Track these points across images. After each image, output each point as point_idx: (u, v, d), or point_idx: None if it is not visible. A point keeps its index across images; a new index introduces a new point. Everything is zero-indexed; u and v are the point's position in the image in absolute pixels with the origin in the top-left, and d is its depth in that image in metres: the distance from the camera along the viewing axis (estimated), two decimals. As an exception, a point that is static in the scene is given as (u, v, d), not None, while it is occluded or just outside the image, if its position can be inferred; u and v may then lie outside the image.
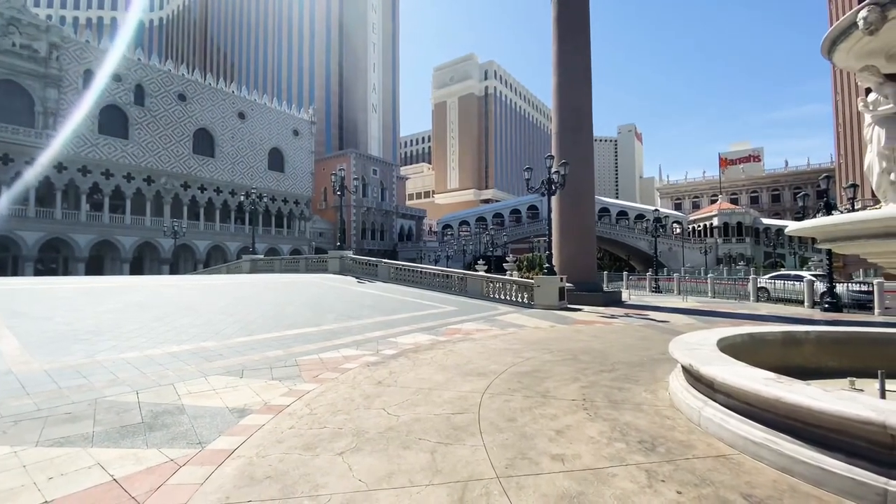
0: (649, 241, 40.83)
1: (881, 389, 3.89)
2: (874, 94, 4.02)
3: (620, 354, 6.83)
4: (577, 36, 18.35)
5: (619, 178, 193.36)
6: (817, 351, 5.38)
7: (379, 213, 65.21)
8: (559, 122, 18.40)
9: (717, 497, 2.57)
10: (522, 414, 4.06)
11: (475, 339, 8.45)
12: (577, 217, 17.88)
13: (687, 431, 3.58)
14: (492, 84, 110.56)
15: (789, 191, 73.76)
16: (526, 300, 15.16)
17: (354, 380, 5.39)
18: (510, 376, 5.45)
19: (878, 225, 3.42)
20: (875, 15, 3.58)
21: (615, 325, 10.64)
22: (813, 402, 2.75)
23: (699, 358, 3.91)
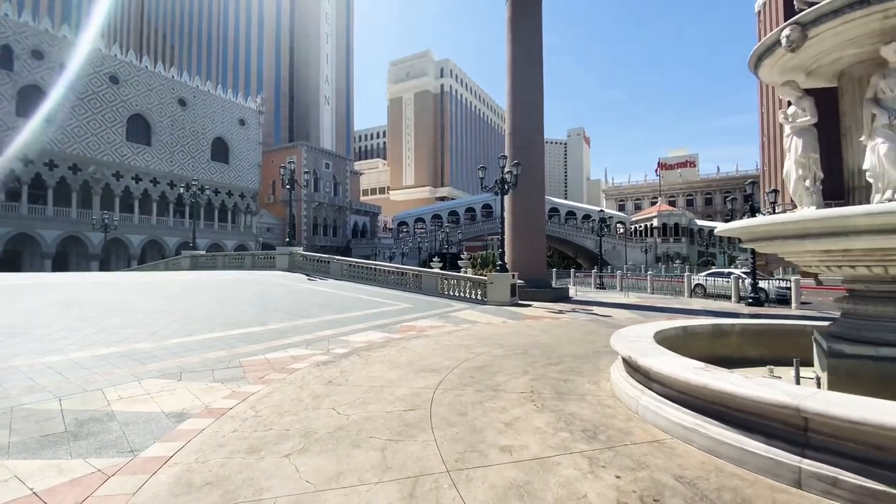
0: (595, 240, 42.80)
1: (796, 376, 4.33)
2: (793, 107, 4.44)
3: (567, 348, 7.11)
4: (531, 39, 18.82)
5: (569, 179, 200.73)
6: (741, 342, 5.89)
7: (331, 209, 63.58)
8: (512, 124, 18.80)
9: (651, 479, 2.75)
10: (473, 408, 4.13)
11: (429, 335, 8.47)
12: (529, 216, 18.39)
13: (626, 419, 3.80)
14: (448, 82, 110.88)
15: (720, 194, 79.95)
16: (480, 297, 15.40)
17: (303, 380, 5.23)
18: (462, 371, 5.52)
19: (793, 227, 3.79)
20: (797, 34, 3.95)
21: (563, 320, 11.06)
22: (736, 389, 3.01)
23: (637, 350, 4.16)
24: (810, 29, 3.87)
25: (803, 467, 2.65)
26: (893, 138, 3.52)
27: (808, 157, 4.18)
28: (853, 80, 4.19)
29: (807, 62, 4.28)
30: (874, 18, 3.55)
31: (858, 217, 3.26)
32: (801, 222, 3.63)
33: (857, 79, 4.13)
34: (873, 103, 3.68)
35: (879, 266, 3.56)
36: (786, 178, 4.38)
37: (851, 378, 3.72)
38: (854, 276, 3.88)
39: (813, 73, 4.47)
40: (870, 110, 3.70)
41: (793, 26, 3.92)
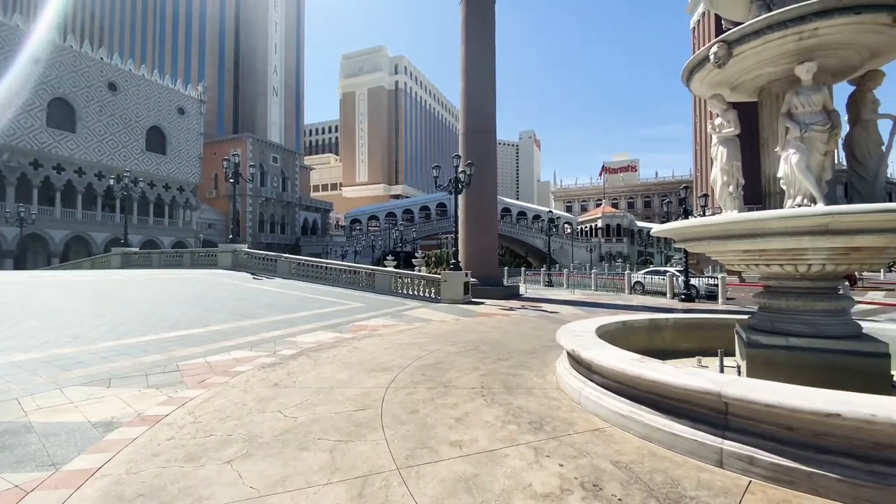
0: (544, 240, 44.27)
1: (720, 365, 4.72)
2: (720, 118, 4.84)
3: (516, 343, 7.32)
4: (484, 40, 19.11)
5: (520, 180, 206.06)
6: (674, 335, 6.33)
7: (279, 205, 61.17)
8: (466, 124, 19.01)
9: (591, 466, 2.90)
10: (425, 405, 4.15)
11: (381, 334, 8.39)
12: (482, 215, 18.69)
13: (569, 410, 3.98)
14: (402, 79, 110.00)
15: (658, 198, 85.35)
16: (433, 295, 15.46)
17: (247, 383, 5.02)
18: (415, 370, 5.52)
19: (717, 229, 4.14)
20: (723, 51, 4.30)
21: (513, 317, 11.36)
22: (667, 378, 3.24)
23: (580, 344, 4.36)
24: (735, 47, 4.22)
25: (724, 448, 2.90)
26: (804, 150, 3.93)
27: (731, 165, 4.57)
28: (771, 95, 4.62)
29: (731, 78, 4.66)
30: (789, 40, 3.94)
31: (772, 220, 3.62)
32: (724, 225, 3.96)
33: (774, 94, 4.56)
34: (787, 117, 4.09)
35: (790, 264, 3.97)
36: (713, 184, 4.76)
37: (767, 366, 4.11)
38: (769, 274, 4.29)
39: (737, 88, 4.88)
40: (784, 124, 4.10)
41: (720, 44, 4.27)
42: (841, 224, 3.36)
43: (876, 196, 4.06)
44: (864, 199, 4.08)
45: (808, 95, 3.94)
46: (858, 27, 3.74)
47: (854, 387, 3.25)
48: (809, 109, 3.94)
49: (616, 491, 2.58)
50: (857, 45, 3.94)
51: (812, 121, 3.92)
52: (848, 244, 3.46)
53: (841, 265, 3.87)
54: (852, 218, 3.31)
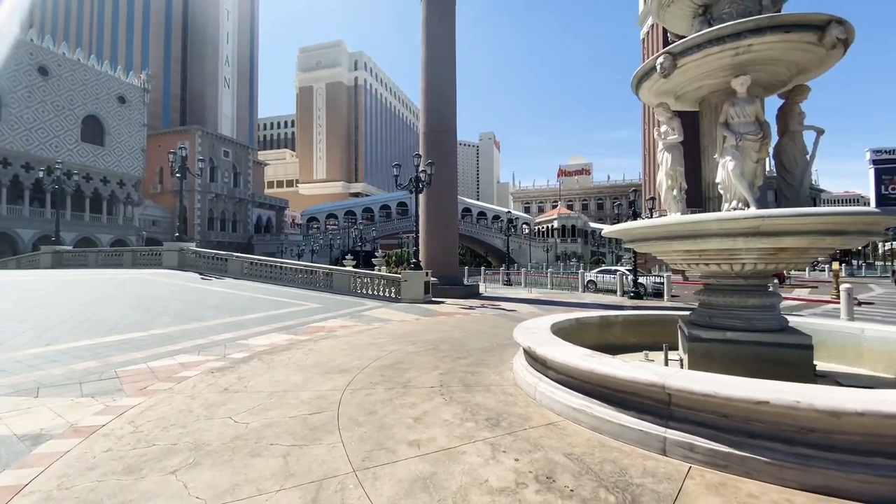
0: (504, 240, 45.10)
1: (665, 359, 5.00)
2: (665, 125, 5.12)
3: (475, 342, 7.40)
4: (445, 41, 19.17)
5: (480, 181, 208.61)
6: (624, 331, 6.63)
7: (231, 201, 58.47)
8: (426, 124, 19.00)
9: (545, 459, 2.98)
10: (383, 406, 4.11)
11: (339, 335, 8.23)
12: (442, 215, 18.75)
13: (525, 405, 4.08)
14: (362, 75, 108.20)
15: (610, 200, 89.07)
16: (393, 294, 15.33)
17: (194, 389, 4.76)
18: (373, 370, 5.45)
19: (662, 230, 4.39)
20: (668, 62, 4.55)
21: (473, 316, 11.48)
22: (616, 372, 3.39)
23: (536, 341, 4.48)
24: (679, 59, 4.48)
25: (667, 436, 3.08)
26: (739, 157, 4.23)
27: (675, 170, 4.85)
28: (711, 105, 4.94)
29: (676, 87, 4.95)
30: (727, 54, 4.23)
31: (711, 222, 3.87)
32: (668, 226, 4.20)
33: (713, 105, 4.88)
34: (724, 127, 4.38)
35: (727, 264, 4.27)
36: (658, 188, 5.03)
37: (707, 358, 4.39)
38: (708, 273, 4.60)
39: (681, 98, 5.19)
40: (722, 132, 4.40)
41: (665, 55, 4.51)
42: (770, 226, 3.65)
43: (801, 201, 4.44)
44: (790, 204, 4.45)
45: (742, 107, 4.25)
46: (788, 45, 4.07)
47: (782, 376, 3.54)
48: (744, 120, 4.25)
49: (568, 482, 2.67)
50: (787, 61, 4.29)
51: (746, 130, 4.22)
52: (776, 245, 3.76)
53: (770, 264, 4.21)
54: (780, 221, 3.61)
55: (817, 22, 3.92)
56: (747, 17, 4.21)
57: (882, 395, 2.76)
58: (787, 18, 3.99)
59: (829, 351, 5.27)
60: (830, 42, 3.93)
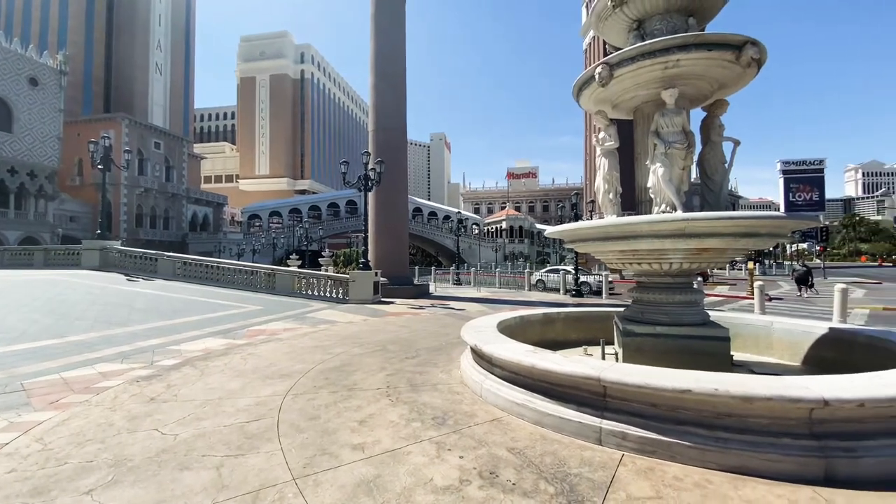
0: (454, 240, 45.53)
1: (602, 353, 5.26)
2: (603, 132, 5.40)
3: (424, 341, 7.40)
4: (394, 37, 18.99)
5: (431, 181, 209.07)
6: (565, 327, 6.91)
7: (163, 197, 54.30)
8: (376, 121, 18.73)
9: (489, 455, 3.03)
10: (327, 410, 3.99)
11: (281, 338, 7.89)
12: (392, 214, 18.57)
13: (471, 403, 4.13)
14: (309, 69, 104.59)
15: (555, 203, 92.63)
16: (341, 295, 14.96)
17: (116, 400, 4.37)
18: (317, 374, 5.28)
19: (599, 231, 4.63)
20: (606, 72, 4.79)
21: (422, 315, 11.47)
22: (556, 367, 3.52)
23: (482, 339, 4.55)
24: (616, 70, 4.74)
25: (603, 427, 3.24)
26: (668, 164, 4.54)
27: (611, 175, 5.12)
28: (644, 115, 5.26)
29: (613, 97, 5.23)
30: (657, 67, 4.53)
31: (642, 224, 4.13)
32: (604, 228, 4.44)
33: (646, 114, 5.20)
34: (655, 135, 4.69)
35: (657, 263, 4.57)
36: (596, 191, 5.29)
37: (639, 352, 4.68)
38: (640, 271, 4.90)
39: (617, 107, 5.48)
40: (652, 141, 4.70)
41: (603, 66, 4.76)
42: (694, 228, 3.96)
43: (721, 206, 4.86)
44: (712, 209, 4.85)
45: (671, 117, 4.57)
46: (710, 61, 4.43)
47: (704, 366, 3.86)
48: (672, 129, 4.57)
49: (511, 476, 2.73)
50: (709, 76, 4.66)
51: (674, 139, 4.55)
52: (699, 245, 4.08)
53: (694, 263, 4.56)
54: (702, 224, 3.92)
55: (735, 42, 4.30)
56: (675, 35, 4.55)
57: (787, 381, 3.08)
58: (709, 37, 4.34)
59: (745, 342, 5.81)
60: (746, 61, 4.33)
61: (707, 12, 4.98)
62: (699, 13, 4.94)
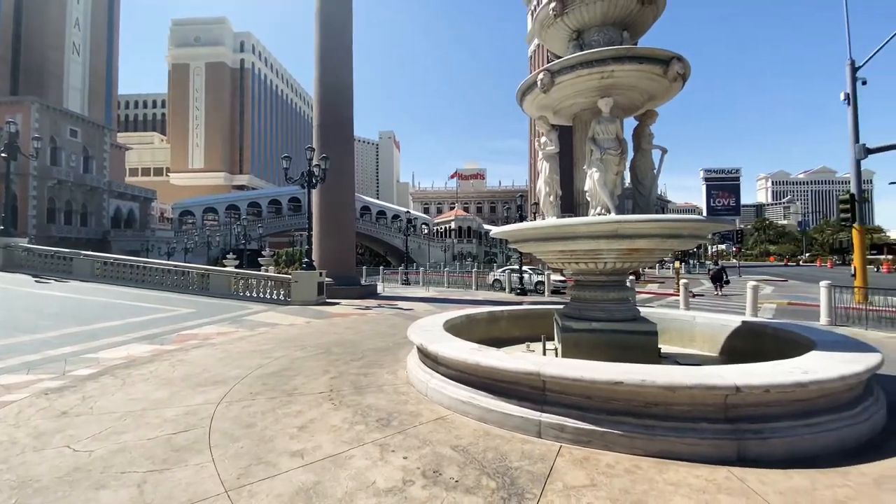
0: (403, 239, 45.24)
1: (543, 349, 5.45)
2: (545, 137, 5.60)
3: (370, 342, 7.28)
4: (341, 29, 18.49)
5: (380, 180, 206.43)
6: (509, 325, 7.09)
7: (80, 190, 49.12)
8: (321, 116, 18.17)
9: (433, 454, 3.04)
10: (264, 417, 3.81)
11: (215, 343, 7.43)
12: (339, 212, 18.10)
13: (417, 402, 4.12)
14: (249, 58, 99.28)
15: (501, 204, 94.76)
16: (283, 297, 14.35)
17: (20, 415, 3.90)
18: (254, 380, 5.03)
19: (539, 232, 4.81)
20: (547, 79, 4.97)
21: (369, 316, 11.28)
22: (499, 363, 3.61)
23: (428, 338, 4.56)
24: (556, 77, 4.93)
25: (542, 420, 3.36)
26: (603, 169, 4.80)
27: (552, 178, 5.33)
28: (582, 122, 5.51)
29: (554, 103, 5.44)
30: (594, 77, 4.77)
31: (579, 226, 4.34)
32: (544, 229, 4.61)
33: (584, 121, 5.46)
34: (592, 141, 4.94)
35: (593, 262, 4.81)
36: (538, 194, 5.48)
37: (577, 347, 4.90)
38: (578, 270, 5.14)
39: (558, 113, 5.71)
40: (589, 146, 4.94)
41: (545, 72, 4.93)
42: (626, 230, 4.21)
43: (650, 209, 5.20)
44: (642, 212, 5.18)
45: (606, 125, 4.84)
46: (641, 73, 4.73)
47: (635, 359, 4.12)
48: (607, 137, 4.84)
49: (454, 474, 2.76)
50: (640, 88, 4.98)
51: (609, 146, 4.81)
52: (630, 246, 4.35)
53: (626, 263, 4.86)
54: (633, 225, 4.19)
55: (663, 57, 4.62)
56: (611, 46, 4.81)
57: (705, 370, 3.36)
58: (640, 51, 4.64)
59: (671, 336, 6.27)
60: (673, 75, 4.67)
61: (639, 27, 5.32)
62: (632, 28, 5.26)
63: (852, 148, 14.92)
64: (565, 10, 5.17)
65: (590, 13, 5.09)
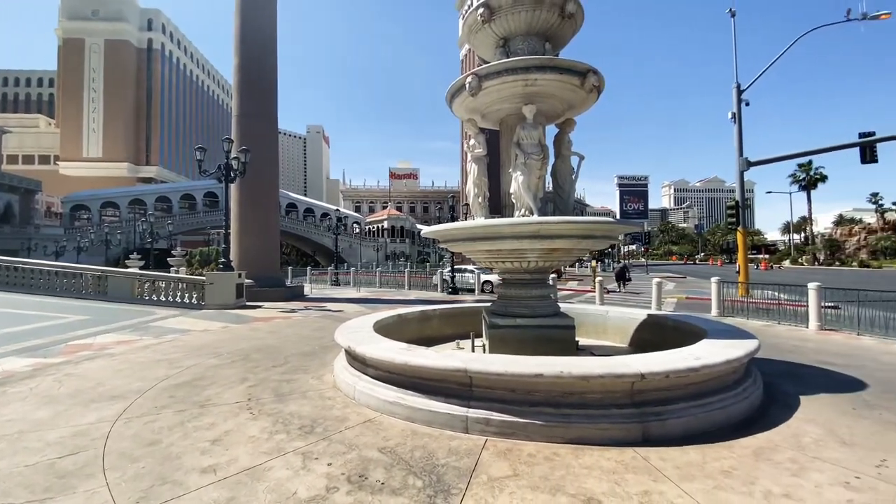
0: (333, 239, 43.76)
1: (472, 346, 5.57)
2: (473, 140, 5.72)
3: (295, 347, 6.95)
4: (264, 12, 17.41)
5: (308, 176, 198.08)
6: (440, 323, 7.17)
7: (-62, 179, 41.32)
8: (241, 105, 16.99)
9: (359, 458, 2.98)
10: (171, 432, 3.47)
11: (114, 353, 6.65)
12: (261, 209, 17.02)
13: (343, 406, 4.01)
14: (159, 38, 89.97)
15: (434, 204, 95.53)
16: (196, 301, 13.21)
17: None
18: (160, 392, 4.57)
19: (468, 232, 4.92)
20: (475, 83, 5.09)
21: (294, 319, 10.77)
22: (427, 362, 3.63)
23: (356, 340, 4.46)
24: (484, 81, 5.07)
25: (469, 415, 3.43)
26: (527, 172, 5.02)
27: (480, 180, 5.47)
28: (508, 126, 5.72)
29: (482, 107, 5.58)
30: (519, 84, 4.97)
31: (504, 226, 4.50)
32: (472, 229, 4.72)
33: (510, 126, 5.66)
34: (516, 146, 5.14)
35: (517, 261, 5.02)
36: (467, 195, 5.60)
37: (503, 343, 5.08)
38: (504, 269, 5.33)
39: (486, 117, 5.87)
40: (514, 151, 5.14)
41: (473, 76, 5.05)
42: (547, 231, 4.44)
43: (569, 211, 5.53)
44: (562, 214, 5.50)
45: (530, 131, 5.07)
46: (561, 84, 5.01)
47: (555, 352, 4.35)
48: (531, 142, 5.07)
49: (380, 476, 2.72)
50: (560, 97, 5.28)
51: (532, 151, 5.05)
52: (550, 246, 4.60)
53: (548, 262, 5.13)
54: (553, 226, 4.43)
55: (580, 69, 4.95)
56: (535, 55, 5.05)
57: (615, 360, 3.65)
58: (561, 62, 4.92)
59: (587, 329, 6.74)
60: (589, 86, 5.01)
61: (560, 40, 5.64)
62: (553, 40, 5.57)
63: (737, 161, 17.12)
64: (493, 17, 5.33)
65: (515, 22, 5.30)
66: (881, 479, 2.67)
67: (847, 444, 3.20)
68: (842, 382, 4.93)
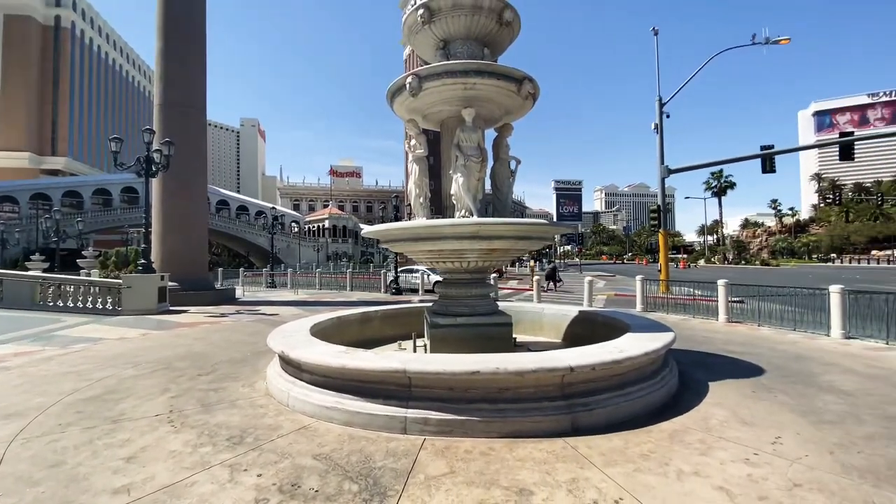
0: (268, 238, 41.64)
1: (414, 346, 5.57)
2: (414, 140, 5.72)
3: (224, 354, 6.55)
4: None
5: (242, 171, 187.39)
6: (382, 324, 7.09)
7: None
8: (164, 94, 15.69)
9: (293, 466, 2.87)
10: (78, 451, 3.14)
11: (9, 367, 5.87)
12: (186, 206, 15.78)
13: (276, 414, 3.84)
14: (69, 16, 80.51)
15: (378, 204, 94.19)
16: (111, 306, 12.03)
17: None
18: (65, 407, 4.11)
19: (409, 232, 4.92)
20: (416, 83, 5.09)
21: (224, 324, 10.14)
22: (366, 364, 3.58)
23: (290, 344, 4.29)
24: (424, 83, 5.09)
25: (408, 416, 3.43)
26: (466, 174, 5.11)
27: (421, 181, 5.49)
28: (449, 128, 5.78)
29: (423, 108, 5.60)
30: (458, 87, 5.05)
31: (445, 227, 4.56)
32: (414, 229, 4.73)
33: (451, 128, 5.72)
34: (457, 148, 5.21)
35: (458, 261, 5.10)
36: (409, 195, 5.60)
37: (444, 342, 5.12)
38: (446, 269, 5.39)
39: (427, 118, 5.90)
40: (454, 153, 5.22)
41: (413, 76, 5.05)
42: (486, 231, 4.56)
43: (507, 213, 5.71)
44: (500, 215, 5.66)
45: (469, 134, 5.16)
46: (499, 89, 5.16)
47: (493, 349, 4.48)
48: (470, 145, 5.17)
49: (314, 484, 2.64)
50: (498, 102, 5.43)
51: (471, 153, 5.15)
52: (489, 246, 4.73)
53: (487, 261, 5.26)
54: (491, 228, 4.55)
55: (517, 76, 5.12)
56: (474, 60, 5.16)
57: (547, 355, 3.82)
58: (498, 68, 5.07)
59: (525, 326, 6.99)
60: (525, 93, 5.20)
61: (498, 46, 5.80)
62: (492, 46, 5.72)
63: (658, 168, 18.59)
64: (433, 18, 5.37)
65: (455, 25, 5.38)
66: (776, 455, 3.03)
67: (748, 424, 3.59)
68: (744, 369, 5.53)
